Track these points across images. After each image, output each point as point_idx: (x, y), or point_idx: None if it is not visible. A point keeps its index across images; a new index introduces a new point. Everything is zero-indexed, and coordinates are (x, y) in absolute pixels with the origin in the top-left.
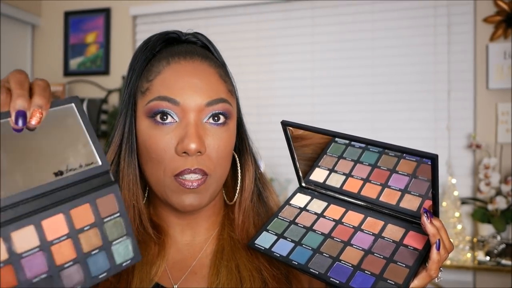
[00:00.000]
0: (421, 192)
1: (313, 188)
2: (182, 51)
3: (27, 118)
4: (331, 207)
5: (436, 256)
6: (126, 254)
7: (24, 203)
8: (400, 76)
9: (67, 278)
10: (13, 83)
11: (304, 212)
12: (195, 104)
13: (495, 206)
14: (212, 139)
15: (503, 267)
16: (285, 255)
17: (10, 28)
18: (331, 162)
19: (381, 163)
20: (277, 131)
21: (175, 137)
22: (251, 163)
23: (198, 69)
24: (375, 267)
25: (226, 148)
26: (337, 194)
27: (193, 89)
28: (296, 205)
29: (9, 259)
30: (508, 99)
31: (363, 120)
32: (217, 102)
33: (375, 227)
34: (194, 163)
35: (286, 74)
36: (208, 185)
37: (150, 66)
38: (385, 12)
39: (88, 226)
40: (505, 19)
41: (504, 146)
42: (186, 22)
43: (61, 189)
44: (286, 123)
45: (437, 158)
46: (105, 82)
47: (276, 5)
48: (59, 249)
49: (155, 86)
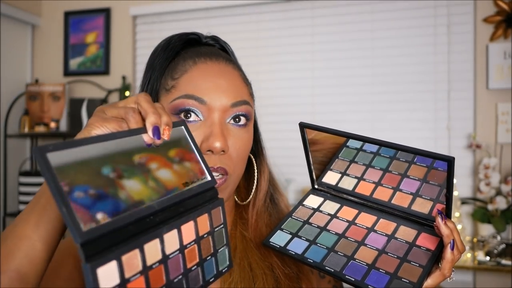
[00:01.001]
0: (432, 196)
1: (326, 190)
2: (208, 52)
3: (160, 134)
4: (344, 208)
5: (450, 256)
6: (224, 261)
7: (166, 208)
8: (400, 76)
9: (192, 280)
10: (145, 103)
11: (317, 213)
12: (221, 104)
13: (495, 206)
14: (234, 139)
15: (503, 267)
16: (300, 253)
17: (10, 28)
18: (343, 165)
19: (392, 168)
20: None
21: (199, 135)
22: (265, 165)
23: (223, 71)
24: (390, 266)
25: (245, 150)
26: (349, 196)
27: (219, 89)
28: (309, 206)
29: (161, 260)
30: (508, 99)
31: (363, 120)
32: (241, 103)
33: (388, 228)
34: (217, 161)
35: (286, 74)
36: (227, 184)
37: (175, 65)
38: (385, 12)
39: (206, 234)
40: (505, 19)
41: (504, 146)
42: (186, 22)
43: (188, 199)
44: (304, 125)
45: (453, 161)
46: (105, 82)
47: (276, 5)
48: (189, 252)
49: (181, 84)
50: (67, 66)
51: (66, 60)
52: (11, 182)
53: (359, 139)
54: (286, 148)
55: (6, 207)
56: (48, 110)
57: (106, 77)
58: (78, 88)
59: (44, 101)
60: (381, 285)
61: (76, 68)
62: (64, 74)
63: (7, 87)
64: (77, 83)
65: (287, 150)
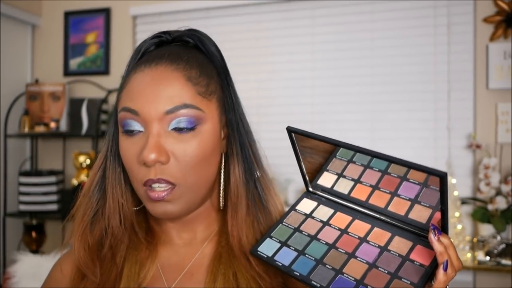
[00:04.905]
0: (432, 203)
1: (320, 194)
2: (150, 58)
3: None
4: (338, 214)
5: (443, 277)
6: None
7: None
8: (400, 76)
9: None
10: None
11: (309, 219)
12: (155, 113)
13: (495, 206)
14: (178, 146)
15: (503, 267)
16: (287, 264)
17: (10, 28)
18: (340, 166)
19: (392, 170)
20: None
21: (139, 148)
22: (237, 166)
23: (160, 76)
24: (379, 282)
25: (197, 155)
26: (344, 202)
27: (151, 97)
28: (301, 211)
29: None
30: (508, 99)
31: (363, 120)
32: (179, 108)
33: (381, 238)
34: (157, 173)
35: (286, 74)
36: (177, 195)
37: (125, 76)
38: (385, 12)
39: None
40: (505, 19)
41: (504, 146)
42: (186, 22)
43: None
44: (291, 130)
45: (446, 176)
46: (105, 82)
47: (276, 5)
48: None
49: (123, 97)
50: (67, 66)
51: (66, 60)
52: (11, 182)
53: (347, 147)
54: (286, 148)
55: (6, 207)
56: (48, 110)
57: (106, 77)
58: (78, 88)
59: (44, 101)
60: None
61: (76, 68)
62: (64, 74)
63: (7, 87)
64: (77, 83)
65: (287, 150)
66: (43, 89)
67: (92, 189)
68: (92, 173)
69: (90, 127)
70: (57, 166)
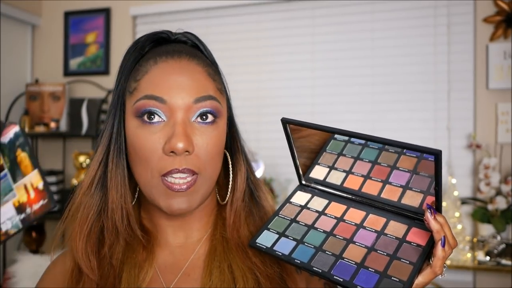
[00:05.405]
0: (423, 188)
1: (313, 186)
2: (170, 50)
3: None
4: (332, 204)
5: (441, 253)
6: None
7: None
8: (400, 76)
9: None
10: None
11: (305, 210)
12: (183, 102)
13: (495, 206)
14: (201, 138)
15: (503, 267)
16: (287, 253)
17: (10, 28)
18: (331, 159)
19: (381, 160)
20: (277, 131)
21: (163, 137)
22: (243, 163)
23: (185, 68)
24: (379, 264)
25: (216, 147)
26: (337, 192)
27: (180, 87)
28: (296, 203)
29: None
30: (508, 99)
31: (363, 120)
32: (205, 99)
33: (377, 224)
34: (182, 162)
35: (286, 74)
36: (198, 186)
37: (138, 66)
38: (385, 12)
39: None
40: (505, 19)
41: (504, 146)
42: (186, 22)
43: None
44: (286, 120)
45: (440, 154)
46: (105, 82)
47: (276, 5)
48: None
49: (142, 85)
50: (67, 66)
51: (66, 60)
52: None
53: (340, 133)
54: (286, 147)
55: None
56: (48, 110)
57: (106, 77)
58: (78, 88)
59: (44, 101)
60: (370, 285)
61: (76, 68)
62: (64, 74)
63: (7, 87)
64: (77, 83)
65: (287, 149)
66: (43, 89)
67: (93, 186)
68: (91, 169)
69: (90, 127)
70: (57, 166)
